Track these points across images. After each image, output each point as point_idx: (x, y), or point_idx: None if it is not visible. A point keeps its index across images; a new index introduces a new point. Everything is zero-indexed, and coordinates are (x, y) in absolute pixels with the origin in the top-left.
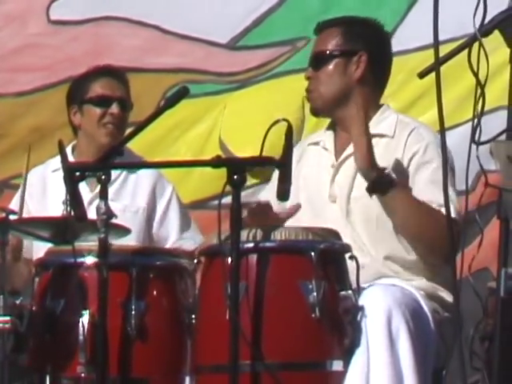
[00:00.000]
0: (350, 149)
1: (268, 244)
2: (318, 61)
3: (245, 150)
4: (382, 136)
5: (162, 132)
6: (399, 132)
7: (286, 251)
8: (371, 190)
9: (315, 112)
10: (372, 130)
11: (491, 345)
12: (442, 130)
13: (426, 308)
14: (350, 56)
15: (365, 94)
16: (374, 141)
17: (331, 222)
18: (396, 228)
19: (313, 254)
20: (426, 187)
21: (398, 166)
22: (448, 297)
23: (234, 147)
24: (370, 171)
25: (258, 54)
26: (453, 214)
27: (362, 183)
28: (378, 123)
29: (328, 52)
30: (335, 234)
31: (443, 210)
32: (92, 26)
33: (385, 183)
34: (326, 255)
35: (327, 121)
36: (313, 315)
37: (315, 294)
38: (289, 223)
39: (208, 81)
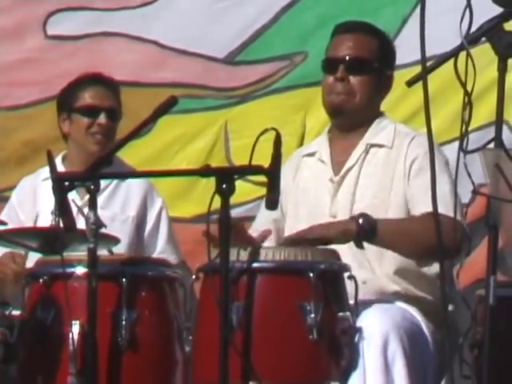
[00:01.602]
0: (351, 161)
1: (267, 264)
2: (355, 65)
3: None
4: (381, 146)
5: (161, 146)
6: (399, 142)
7: (285, 272)
8: (359, 242)
9: (338, 111)
10: (371, 140)
11: (480, 352)
12: (430, 135)
13: (426, 330)
14: (384, 72)
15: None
16: (373, 150)
17: None
18: (401, 255)
19: (312, 274)
20: (427, 192)
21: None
22: (450, 307)
23: None
24: (348, 228)
25: (257, 68)
26: (459, 217)
27: (363, 196)
28: (376, 133)
29: (367, 60)
30: (334, 254)
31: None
32: (89, 42)
33: (368, 230)
34: (325, 276)
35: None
36: (310, 337)
37: (313, 315)
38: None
39: (207, 96)
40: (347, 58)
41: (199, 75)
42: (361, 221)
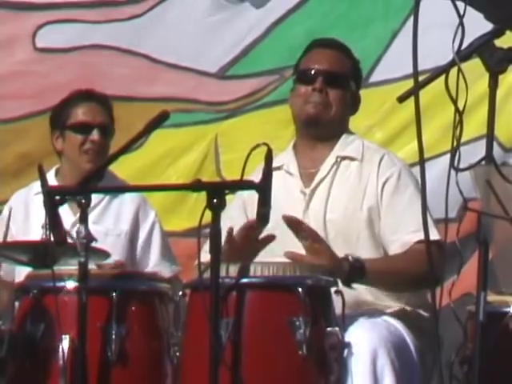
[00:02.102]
0: (321, 173)
1: (255, 280)
2: (334, 79)
3: None
4: (352, 159)
5: (152, 160)
6: (369, 157)
7: (273, 287)
8: (348, 281)
9: (314, 121)
10: (341, 153)
11: (470, 369)
12: (421, 154)
13: (408, 340)
14: (355, 91)
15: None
16: (345, 163)
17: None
18: (388, 291)
19: (300, 290)
20: (404, 213)
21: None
22: (428, 321)
23: None
24: (341, 266)
25: (247, 83)
26: (437, 236)
27: (335, 206)
28: (345, 146)
29: (345, 76)
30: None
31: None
32: (79, 54)
33: (357, 269)
34: (313, 291)
35: None
36: (300, 352)
37: (302, 330)
38: (262, 252)
39: (198, 110)
40: (326, 70)
41: (190, 89)
42: (350, 258)
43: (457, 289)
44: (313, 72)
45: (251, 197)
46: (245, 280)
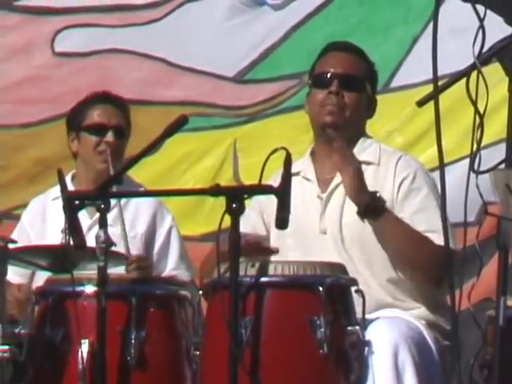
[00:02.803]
0: (337, 179)
1: (276, 279)
2: (350, 82)
3: None
4: (368, 163)
5: (169, 164)
6: (386, 160)
7: (294, 286)
8: (363, 214)
9: (334, 127)
10: (358, 158)
11: (490, 373)
12: (441, 159)
13: (429, 339)
14: (371, 94)
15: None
16: (362, 168)
17: (323, 254)
18: (388, 252)
19: (321, 289)
20: (416, 214)
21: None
22: (447, 325)
23: None
24: (361, 196)
25: (266, 87)
26: (450, 244)
27: (351, 209)
28: (362, 151)
29: (361, 79)
30: (340, 267)
31: (432, 236)
32: (97, 59)
33: (377, 207)
34: (334, 290)
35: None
36: (320, 351)
37: (323, 329)
38: (277, 258)
39: (216, 114)
40: (342, 73)
41: (208, 93)
42: (378, 194)
43: (476, 293)
44: (328, 76)
45: (268, 201)
46: (265, 279)
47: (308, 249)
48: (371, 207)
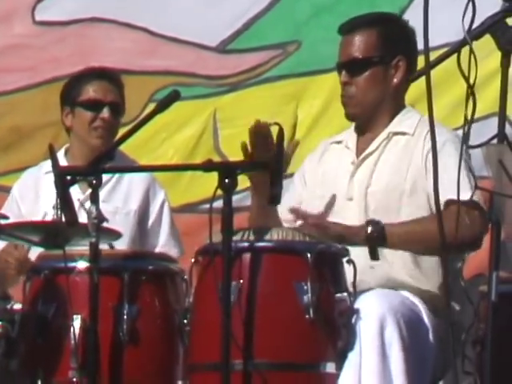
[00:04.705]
0: (372, 147)
1: (263, 244)
2: (355, 66)
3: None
4: (403, 134)
5: (148, 134)
6: (420, 130)
7: (281, 251)
8: (370, 246)
9: (352, 117)
10: (394, 128)
11: (483, 349)
12: (432, 132)
13: (427, 321)
14: (389, 61)
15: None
16: (396, 138)
17: (347, 220)
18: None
19: (309, 255)
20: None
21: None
22: (456, 307)
23: (233, 157)
24: (358, 232)
25: (249, 57)
26: (473, 197)
27: (379, 178)
28: (401, 122)
29: (366, 58)
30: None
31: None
32: (78, 28)
33: (377, 236)
34: (323, 257)
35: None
36: (306, 316)
37: (310, 295)
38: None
39: (197, 84)
40: (345, 61)
41: (190, 63)
42: (369, 228)
43: (469, 269)
44: (338, 66)
45: (308, 164)
46: (255, 244)
47: (333, 213)
48: (371, 239)
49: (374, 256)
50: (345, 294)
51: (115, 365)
